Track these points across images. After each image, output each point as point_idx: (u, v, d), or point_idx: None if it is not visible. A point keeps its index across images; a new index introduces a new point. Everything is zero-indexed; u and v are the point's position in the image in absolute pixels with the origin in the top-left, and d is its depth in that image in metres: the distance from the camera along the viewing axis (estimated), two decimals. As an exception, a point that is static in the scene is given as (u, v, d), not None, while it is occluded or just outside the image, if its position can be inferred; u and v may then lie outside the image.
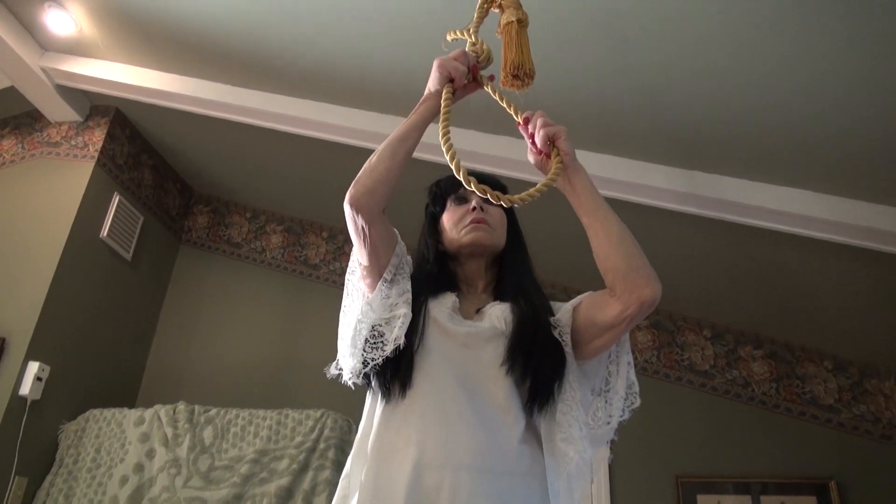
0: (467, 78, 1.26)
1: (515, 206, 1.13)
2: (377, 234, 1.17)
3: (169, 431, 2.82)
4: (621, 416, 1.22)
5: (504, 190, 1.32)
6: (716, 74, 1.97)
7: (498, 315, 1.20)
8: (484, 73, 1.28)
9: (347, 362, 1.17)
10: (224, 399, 3.11)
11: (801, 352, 3.07)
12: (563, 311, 1.21)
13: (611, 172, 2.31)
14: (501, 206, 1.32)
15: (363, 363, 1.13)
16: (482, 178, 1.28)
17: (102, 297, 3.20)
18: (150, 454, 2.80)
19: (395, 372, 1.14)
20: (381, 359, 1.12)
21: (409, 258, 1.30)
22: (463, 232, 1.29)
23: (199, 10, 2.54)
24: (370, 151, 1.20)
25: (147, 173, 3.58)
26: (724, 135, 2.15)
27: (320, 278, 3.62)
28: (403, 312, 1.15)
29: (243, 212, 3.91)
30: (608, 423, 1.19)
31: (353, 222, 1.17)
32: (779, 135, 2.08)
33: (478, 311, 1.24)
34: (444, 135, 1.15)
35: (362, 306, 1.17)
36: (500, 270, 1.32)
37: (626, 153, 2.32)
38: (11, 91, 3.22)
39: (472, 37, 1.28)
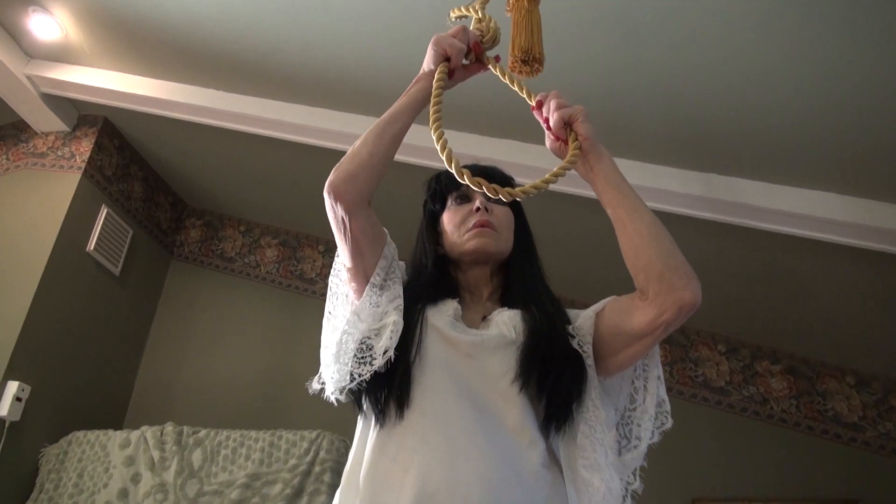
0: (469, 58, 1.13)
1: (519, 199, 0.99)
2: (359, 227, 1.04)
3: (156, 454, 2.66)
4: (651, 439, 1.08)
5: (509, 183, 1.19)
6: (732, 69, 1.85)
7: (506, 322, 1.06)
8: (490, 53, 1.16)
9: (331, 376, 1.02)
10: (216, 419, 2.95)
11: (822, 367, 2.92)
12: (583, 318, 1.06)
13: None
14: (508, 207, 1.19)
15: (349, 377, 0.99)
16: (481, 171, 1.16)
17: (88, 313, 3.06)
18: (136, 479, 2.64)
19: (389, 388, 0.99)
20: (368, 374, 0.98)
21: (401, 263, 1.17)
22: (466, 237, 1.15)
23: (189, 13, 2.43)
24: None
25: (137, 185, 3.45)
26: (741, 134, 2.02)
27: (316, 293, 3.48)
28: (393, 320, 1.01)
29: (237, 225, 3.78)
30: (636, 447, 1.05)
31: (332, 212, 1.04)
32: (799, 132, 1.96)
33: (483, 318, 1.10)
34: (434, 120, 1.03)
35: (349, 316, 1.03)
36: (507, 275, 1.18)
37: (637, 155, 2.20)
38: (-4, 101, 3.11)
39: (479, 13, 1.15)
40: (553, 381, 0.98)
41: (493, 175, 1.19)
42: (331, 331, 1.07)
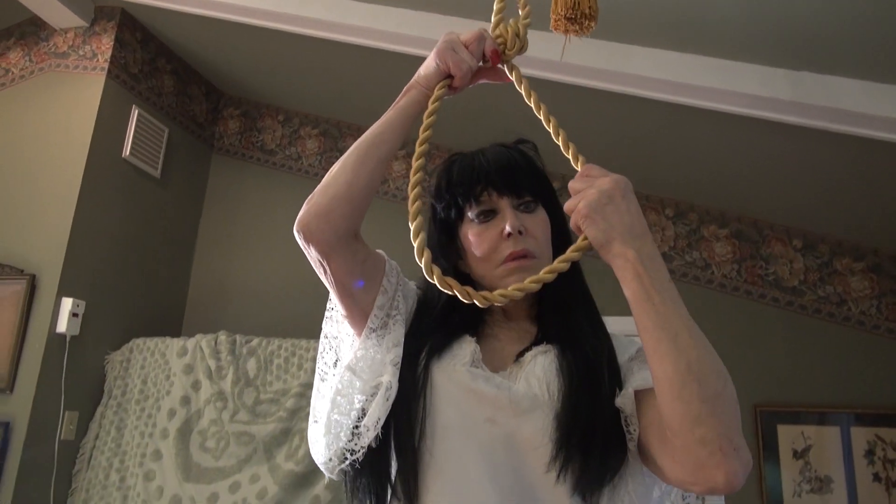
0: (484, 63, 0.92)
1: (516, 297, 0.82)
2: (342, 270, 0.86)
3: (212, 364, 2.72)
4: None
5: (534, 166, 0.96)
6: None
7: (539, 376, 0.86)
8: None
9: (320, 452, 0.88)
10: (265, 325, 2.97)
11: (911, 265, 2.65)
12: (624, 397, 0.83)
13: (694, 77, 1.86)
14: (541, 203, 0.97)
15: (342, 457, 0.85)
16: (503, 165, 0.94)
17: (133, 220, 3.02)
18: (196, 386, 2.73)
19: (378, 467, 0.85)
20: (362, 451, 0.84)
21: (410, 286, 0.98)
22: (500, 272, 0.91)
23: None
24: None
25: (167, 79, 3.26)
26: (841, 22, 1.65)
27: (361, 187, 3.33)
28: (387, 382, 0.84)
29: (275, 114, 3.59)
30: None
31: (306, 253, 0.87)
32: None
33: (517, 357, 0.90)
34: (417, 158, 0.86)
35: (342, 373, 0.88)
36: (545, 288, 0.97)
37: (713, 51, 1.85)
38: (8, -5, 2.89)
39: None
40: (594, 468, 0.80)
41: (512, 167, 0.95)
42: (322, 396, 0.91)
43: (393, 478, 0.86)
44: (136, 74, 3.06)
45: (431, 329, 0.91)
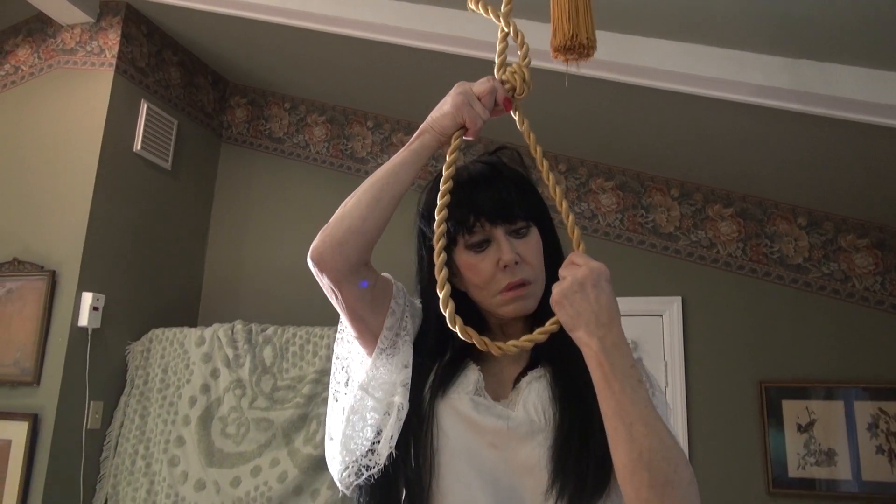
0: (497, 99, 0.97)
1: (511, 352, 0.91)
2: (353, 296, 0.92)
3: (230, 352, 2.80)
4: None
5: (522, 193, 0.99)
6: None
7: (535, 402, 0.91)
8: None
9: (336, 468, 0.94)
10: (280, 314, 3.04)
11: (916, 241, 2.67)
12: None
13: (697, 67, 1.88)
14: (534, 224, 1.00)
15: (358, 473, 0.91)
16: (495, 195, 0.97)
17: (147, 213, 3.08)
18: (215, 374, 2.81)
19: (389, 484, 0.91)
20: (378, 468, 0.89)
21: (416, 304, 1.02)
22: (497, 301, 0.95)
23: None
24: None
25: (174, 71, 3.29)
26: (840, 10, 1.66)
27: (369, 173, 3.36)
28: (399, 403, 0.90)
29: (282, 102, 3.61)
30: None
31: (319, 281, 0.92)
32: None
33: (515, 383, 0.95)
34: (439, 223, 0.92)
35: (356, 392, 0.93)
36: (541, 307, 0.98)
37: (716, 41, 1.87)
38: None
39: (504, 25, 0.93)
40: (583, 486, 0.85)
41: (503, 197, 0.98)
42: (336, 417, 0.97)
43: (402, 495, 0.92)
44: (144, 68, 3.09)
45: (435, 347, 0.96)
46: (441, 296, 0.88)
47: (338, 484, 0.94)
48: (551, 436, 0.88)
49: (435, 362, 0.96)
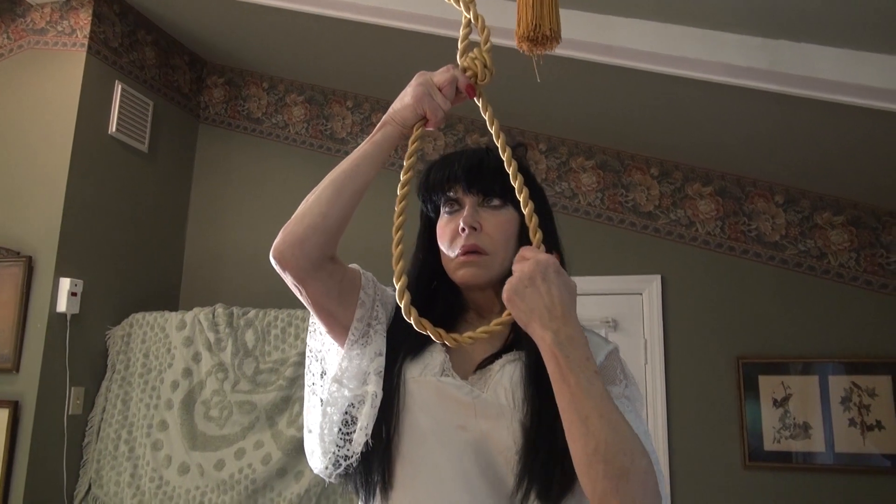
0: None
1: (467, 343, 0.91)
2: (318, 292, 0.92)
3: (211, 336, 2.79)
4: None
5: (504, 172, 0.99)
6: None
7: (506, 386, 0.91)
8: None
9: (316, 461, 0.95)
10: (262, 296, 3.03)
11: (890, 217, 2.71)
12: None
13: (674, 47, 1.88)
14: (511, 205, 1.00)
15: (336, 464, 0.92)
16: (473, 164, 0.99)
17: (124, 197, 3.04)
18: (196, 358, 2.81)
19: (369, 469, 0.92)
20: (355, 458, 0.90)
21: (388, 292, 1.03)
22: (453, 265, 0.98)
23: None
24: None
25: (148, 51, 3.23)
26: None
27: (349, 153, 3.34)
28: (373, 392, 0.91)
29: (260, 82, 3.57)
30: None
31: (283, 278, 0.92)
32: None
33: (487, 363, 0.95)
34: (398, 214, 0.90)
35: (330, 385, 0.94)
36: None
37: (694, 21, 1.86)
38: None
39: (466, 9, 0.92)
40: (553, 470, 0.86)
41: (481, 167, 1.00)
42: (313, 408, 0.98)
43: (375, 478, 0.92)
44: (117, 48, 3.03)
45: (408, 332, 0.95)
46: (397, 287, 0.88)
47: (321, 475, 0.95)
48: (522, 419, 0.89)
49: (407, 347, 0.97)
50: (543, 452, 0.86)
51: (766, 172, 2.81)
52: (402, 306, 0.88)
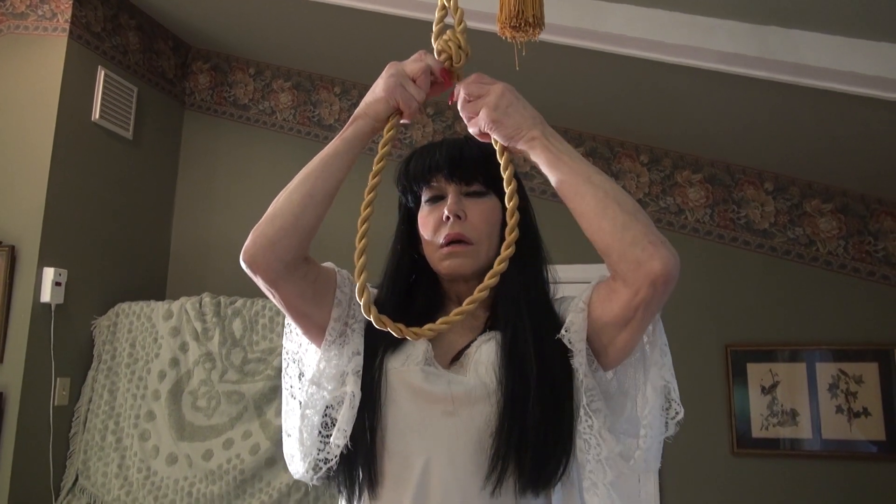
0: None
1: (427, 337, 0.90)
2: (292, 294, 0.90)
3: (198, 326, 2.77)
4: (665, 433, 0.95)
5: (485, 156, 0.98)
6: None
7: (486, 365, 0.91)
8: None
9: (297, 465, 0.93)
10: (248, 282, 3.00)
11: (878, 205, 2.71)
12: (574, 313, 0.90)
13: (662, 33, 1.85)
14: (494, 193, 0.99)
15: (317, 467, 0.90)
16: (455, 153, 0.98)
17: (109, 185, 3.00)
18: (184, 348, 2.79)
19: (352, 466, 0.91)
20: (335, 460, 0.89)
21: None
22: (437, 256, 0.97)
23: None
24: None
25: (131, 36, 3.18)
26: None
27: (337, 141, 3.31)
28: (351, 392, 0.89)
29: (246, 68, 3.52)
30: (643, 446, 0.91)
31: (255, 281, 0.90)
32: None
33: (465, 349, 0.95)
34: (366, 205, 0.88)
35: (307, 387, 0.92)
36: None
37: (683, 6, 1.84)
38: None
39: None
40: (539, 447, 0.86)
41: (462, 156, 0.99)
42: (291, 413, 0.96)
43: (360, 477, 0.91)
44: (100, 33, 2.97)
45: (384, 334, 0.93)
46: (357, 284, 0.86)
47: (302, 479, 0.94)
48: (503, 395, 0.88)
49: (388, 339, 0.95)
50: (517, 431, 0.85)
51: (756, 160, 2.80)
52: (361, 304, 0.86)
